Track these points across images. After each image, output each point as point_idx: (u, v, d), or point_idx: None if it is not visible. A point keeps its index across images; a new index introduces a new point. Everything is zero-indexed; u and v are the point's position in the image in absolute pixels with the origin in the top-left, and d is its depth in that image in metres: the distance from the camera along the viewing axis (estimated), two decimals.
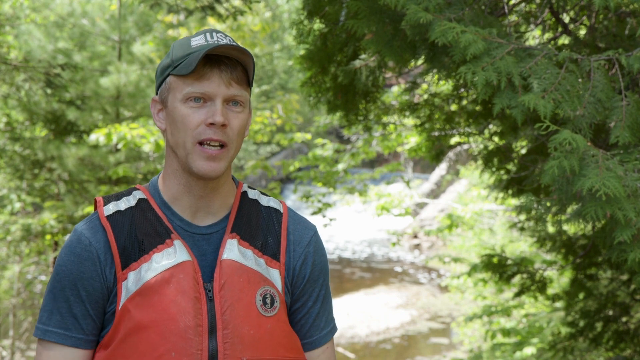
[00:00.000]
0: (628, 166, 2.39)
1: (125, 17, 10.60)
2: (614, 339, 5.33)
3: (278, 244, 1.66)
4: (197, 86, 1.55)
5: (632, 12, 3.20)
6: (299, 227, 1.71)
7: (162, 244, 1.57)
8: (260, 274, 1.60)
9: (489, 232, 12.68)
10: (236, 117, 1.58)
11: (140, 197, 1.64)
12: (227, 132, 1.56)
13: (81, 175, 9.55)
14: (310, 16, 4.15)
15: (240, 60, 1.58)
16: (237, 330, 1.54)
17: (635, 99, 2.58)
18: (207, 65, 1.55)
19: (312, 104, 4.53)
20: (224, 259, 1.58)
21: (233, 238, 1.62)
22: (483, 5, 3.25)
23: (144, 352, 1.50)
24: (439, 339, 12.04)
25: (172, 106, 1.58)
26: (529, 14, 3.96)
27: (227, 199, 1.66)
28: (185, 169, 1.60)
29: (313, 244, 1.71)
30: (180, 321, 1.51)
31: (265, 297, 1.59)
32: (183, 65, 1.56)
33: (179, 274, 1.54)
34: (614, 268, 5.09)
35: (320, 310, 1.72)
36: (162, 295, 1.52)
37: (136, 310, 1.52)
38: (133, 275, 1.54)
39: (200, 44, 1.57)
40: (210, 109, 1.55)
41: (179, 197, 1.63)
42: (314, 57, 4.27)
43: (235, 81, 1.57)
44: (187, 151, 1.56)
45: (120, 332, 1.52)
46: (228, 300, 1.55)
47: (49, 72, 6.64)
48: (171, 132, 1.59)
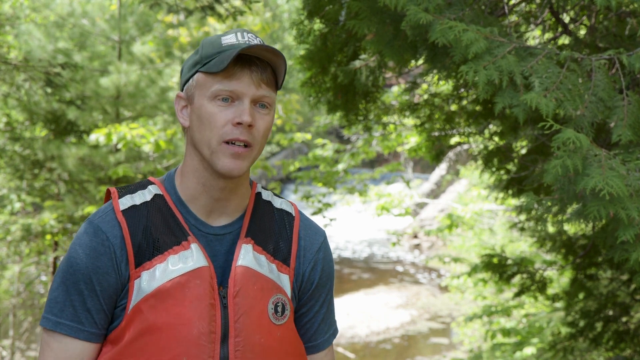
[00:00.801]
0: (630, 165, 2.39)
1: (125, 17, 10.60)
2: (614, 339, 5.33)
3: (289, 249, 1.66)
4: (226, 84, 1.53)
5: (632, 12, 3.20)
6: (309, 232, 1.71)
7: (178, 245, 1.56)
8: (273, 281, 1.60)
9: (489, 232, 12.68)
10: (262, 119, 1.57)
11: (156, 193, 1.62)
12: (252, 133, 1.55)
13: (81, 175, 9.54)
14: (310, 16, 4.15)
15: (271, 62, 1.57)
16: (249, 338, 1.54)
17: (636, 99, 2.58)
18: (238, 65, 1.53)
19: (312, 104, 4.52)
20: (239, 265, 1.58)
21: (248, 243, 1.61)
22: (483, 6, 3.25)
23: (155, 354, 1.49)
24: (439, 339, 12.03)
25: (199, 103, 1.56)
26: (529, 14, 3.96)
27: (242, 199, 1.65)
28: (206, 168, 1.58)
29: (323, 251, 1.71)
30: (194, 327, 1.51)
31: (277, 305, 1.59)
32: (214, 62, 1.54)
33: (196, 280, 1.53)
34: (614, 268, 5.09)
35: (326, 314, 1.72)
36: (177, 299, 1.51)
37: (150, 312, 1.51)
38: (147, 275, 1.53)
39: (231, 42, 1.56)
40: (238, 109, 1.54)
41: (196, 196, 1.61)
42: (314, 57, 4.27)
43: (265, 83, 1.55)
44: (212, 149, 1.55)
45: (130, 331, 1.51)
46: (242, 308, 1.55)
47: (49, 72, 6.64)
48: (196, 130, 1.57)
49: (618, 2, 2.63)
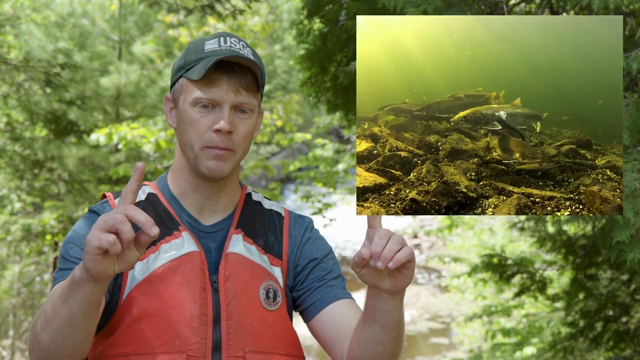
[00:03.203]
0: (627, 166, 2.39)
1: (126, 17, 10.60)
2: (614, 339, 5.33)
3: (280, 244, 1.69)
4: (206, 92, 1.56)
5: (631, 12, 3.20)
6: (297, 225, 1.74)
7: (170, 236, 1.59)
8: (264, 268, 1.63)
9: (489, 232, 12.68)
10: (243, 123, 1.60)
11: (149, 192, 1.67)
12: (232, 139, 1.58)
13: (81, 175, 9.55)
14: (310, 16, 4.15)
15: (251, 67, 1.59)
16: (241, 321, 1.56)
17: (634, 100, 2.58)
18: (217, 72, 1.56)
19: (312, 104, 4.53)
20: (229, 252, 1.61)
21: (238, 233, 1.64)
22: (483, 6, 3.25)
23: (149, 339, 1.51)
24: (439, 339, 12.03)
25: (183, 108, 1.61)
26: (529, 14, 3.96)
27: (232, 198, 1.69)
28: (193, 169, 1.62)
29: (310, 230, 1.74)
30: (186, 310, 1.53)
31: (269, 291, 1.61)
32: (194, 69, 1.58)
33: (187, 264, 1.56)
34: (614, 268, 5.09)
35: (338, 279, 1.71)
36: (168, 283, 1.54)
37: (142, 298, 1.53)
38: (140, 266, 1.56)
39: (213, 48, 1.59)
40: (218, 115, 1.57)
41: (187, 194, 1.65)
42: (314, 57, 4.27)
43: (244, 88, 1.58)
44: (195, 153, 1.59)
45: (125, 319, 1.53)
46: (233, 291, 1.57)
47: (49, 71, 6.64)
48: (181, 132, 1.62)
49: (616, 3, 2.63)
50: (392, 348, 1.51)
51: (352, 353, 1.55)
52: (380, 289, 1.42)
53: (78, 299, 1.31)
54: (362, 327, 1.51)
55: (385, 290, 1.41)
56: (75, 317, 1.33)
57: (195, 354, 1.51)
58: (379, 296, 1.44)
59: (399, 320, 1.47)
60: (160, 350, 1.50)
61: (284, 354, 1.60)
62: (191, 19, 11.15)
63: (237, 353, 1.54)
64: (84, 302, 1.32)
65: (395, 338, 1.50)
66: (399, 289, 1.41)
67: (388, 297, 1.43)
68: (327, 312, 1.65)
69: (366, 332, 1.50)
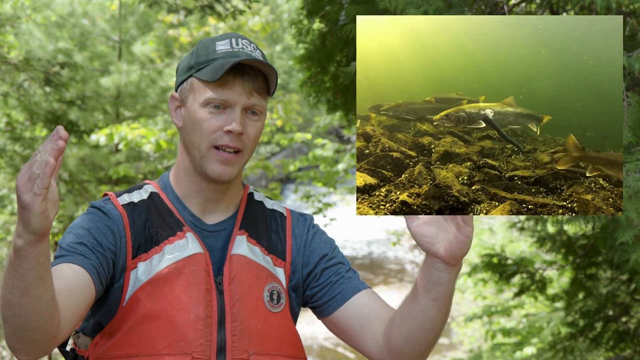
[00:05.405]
0: (630, 166, 2.39)
1: (126, 17, 10.60)
2: (614, 339, 5.33)
3: (284, 244, 1.69)
4: (219, 93, 1.57)
5: (632, 12, 3.20)
6: (300, 224, 1.74)
7: (174, 236, 1.59)
8: (268, 270, 1.63)
9: (489, 232, 12.69)
10: (253, 125, 1.60)
11: (152, 191, 1.66)
12: (242, 140, 1.58)
13: (81, 175, 9.55)
14: (309, 16, 4.15)
15: (263, 70, 1.60)
16: (245, 323, 1.56)
17: (636, 100, 2.58)
18: (230, 74, 1.57)
19: (311, 103, 4.53)
20: (233, 253, 1.61)
21: (242, 234, 1.64)
22: (483, 6, 3.25)
23: (153, 340, 1.51)
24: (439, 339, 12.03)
25: (192, 108, 1.60)
26: (529, 14, 3.96)
27: (234, 198, 1.69)
28: (197, 170, 1.62)
29: (312, 229, 1.74)
30: (191, 312, 1.53)
31: (273, 293, 1.61)
32: (207, 70, 1.58)
33: (191, 266, 1.56)
34: (614, 268, 5.09)
35: (352, 269, 1.72)
36: (173, 285, 1.54)
37: (147, 299, 1.53)
38: (143, 266, 1.55)
39: (225, 49, 1.59)
40: (229, 117, 1.57)
41: (190, 195, 1.65)
42: (314, 57, 4.27)
43: (256, 91, 1.59)
44: (202, 154, 1.59)
45: (129, 320, 1.53)
46: (237, 293, 1.57)
47: (48, 71, 6.64)
48: (188, 132, 1.61)
49: (618, 3, 2.63)
50: (440, 326, 1.52)
51: (395, 334, 1.55)
52: (437, 257, 1.42)
53: (30, 265, 1.29)
54: (410, 303, 1.52)
55: (441, 258, 1.42)
56: (33, 284, 1.30)
57: (200, 356, 1.52)
58: (435, 267, 1.44)
59: (451, 296, 1.48)
60: (164, 352, 1.50)
61: (288, 356, 1.60)
62: (191, 19, 11.15)
63: (242, 355, 1.55)
64: (38, 266, 1.30)
65: (445, 315, 1.51)
66: (454, 256, 1.41)
67: (444, 267, 1.44)
68: (351, 304, 1.65)
69: (416, 307, 1.50)
